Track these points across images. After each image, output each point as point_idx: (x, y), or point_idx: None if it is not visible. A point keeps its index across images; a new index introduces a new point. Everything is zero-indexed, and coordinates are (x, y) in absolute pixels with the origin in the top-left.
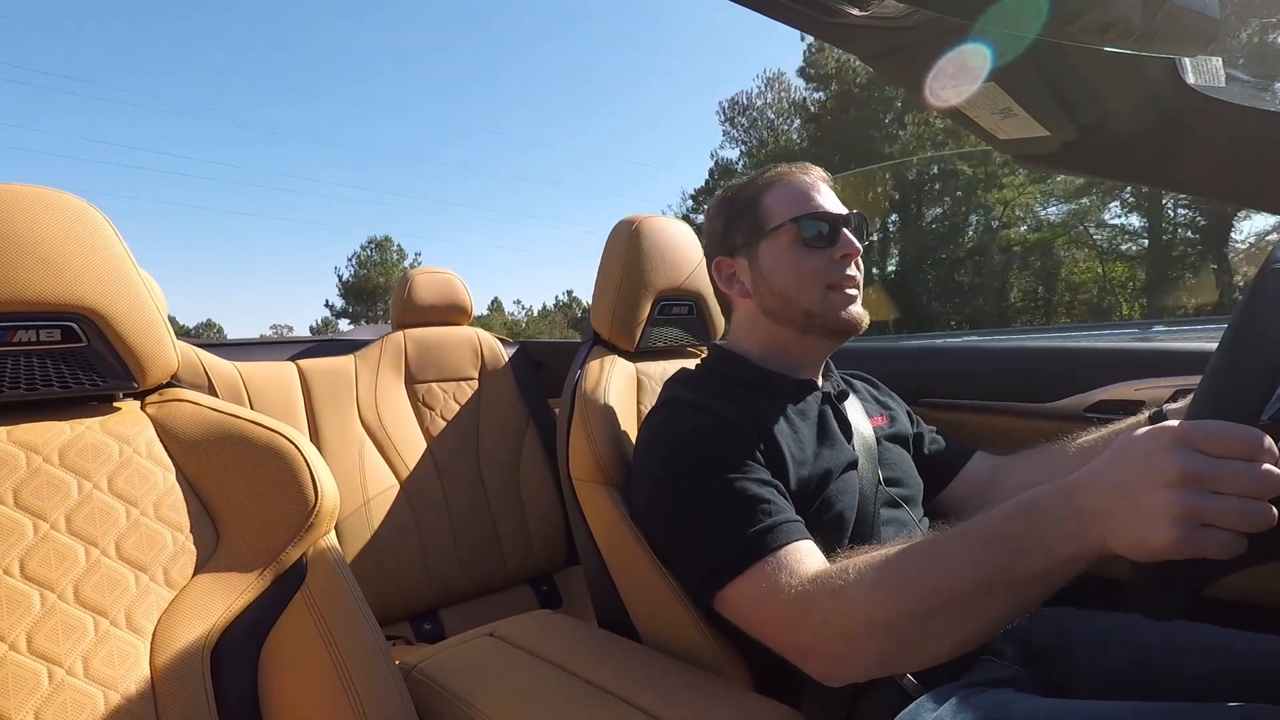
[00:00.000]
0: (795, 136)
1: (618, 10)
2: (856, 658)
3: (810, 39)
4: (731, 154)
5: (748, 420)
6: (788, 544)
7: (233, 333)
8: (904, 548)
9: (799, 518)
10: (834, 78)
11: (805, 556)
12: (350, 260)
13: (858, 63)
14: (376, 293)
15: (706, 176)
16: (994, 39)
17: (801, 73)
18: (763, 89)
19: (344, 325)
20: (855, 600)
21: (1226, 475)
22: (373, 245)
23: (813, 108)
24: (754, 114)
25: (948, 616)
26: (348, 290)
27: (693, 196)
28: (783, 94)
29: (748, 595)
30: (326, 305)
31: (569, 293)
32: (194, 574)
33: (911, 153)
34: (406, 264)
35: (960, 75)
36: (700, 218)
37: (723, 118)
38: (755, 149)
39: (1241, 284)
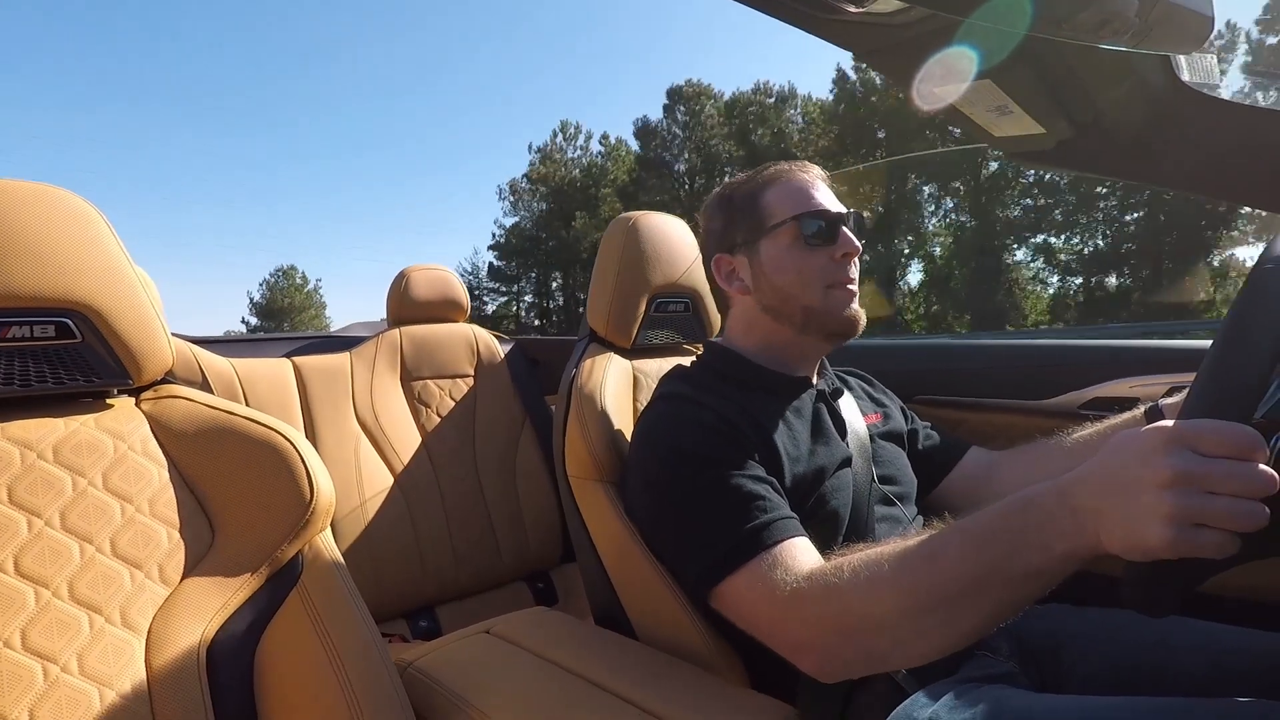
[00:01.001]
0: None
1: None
2: (850, 654)
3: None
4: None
5: (743, 417)
6: (783, 540)
7: None
8: (899, 545)
9: (794, 514)
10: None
11: (800, 553)
12: (261, 285)
13: (577, 172)
14: (284, 311)
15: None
16: (989, 36)
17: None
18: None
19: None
20: (850, 597)
21: (1220, 475)
22: (280, 273)
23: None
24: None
25: (942, 613)
26: (260, 310)
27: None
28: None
29: (742, 592)
30: (243, 321)
31: None
32: (189, 571)
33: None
34: (309, 289)
35: (956, 72)
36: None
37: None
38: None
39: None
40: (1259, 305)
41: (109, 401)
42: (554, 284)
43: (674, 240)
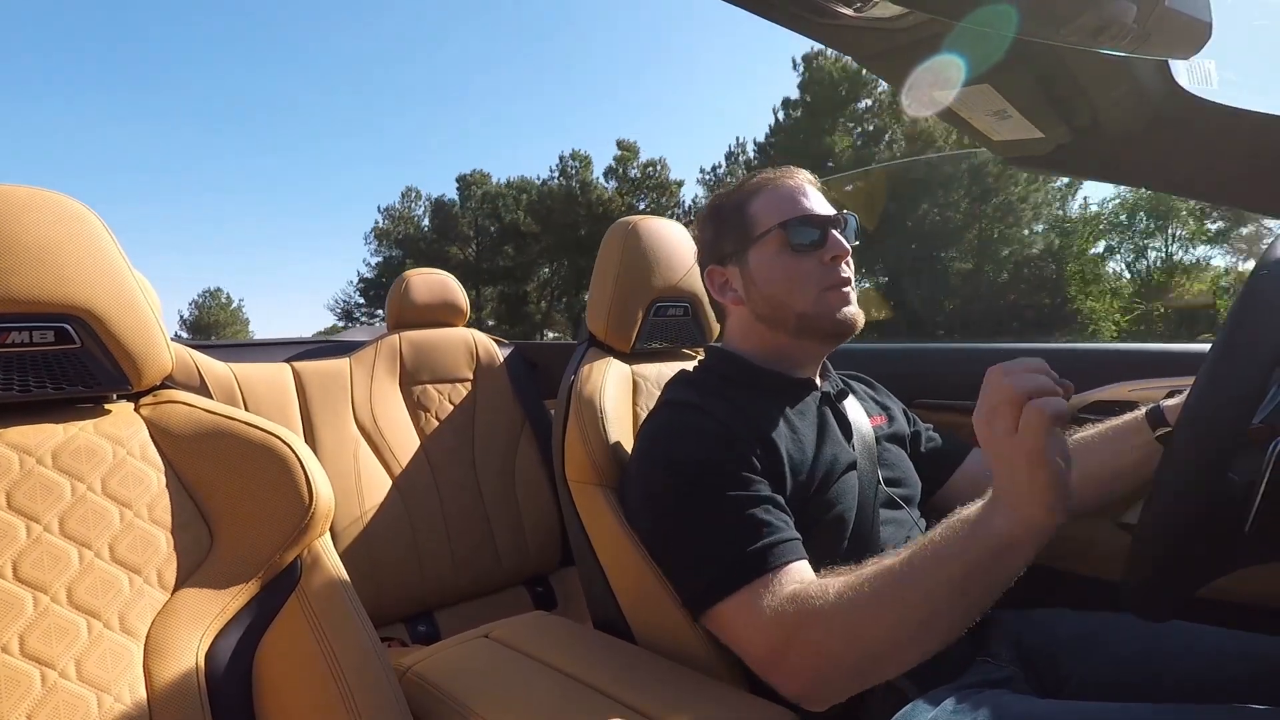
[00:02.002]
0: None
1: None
2: (840, 679)
3: None
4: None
5: (747, 424)
6: (777, 567)
7: None
8: (877, 565)
9: (793, 535)
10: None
11: (790, 579)
12: (190, 304)
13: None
14: (212, 326)
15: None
16: (988, 41)
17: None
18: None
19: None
20: (834, 621)
21: (1011, 377)
22: (208, 294)
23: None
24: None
25: (925, 620)
26: (190, 326)
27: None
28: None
29: (731, 617)
30: (176, 336)
31: None
32: (188, 576)
33: None
34: (234, 307)
35: (954, 77)
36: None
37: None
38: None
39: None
40: (1256, 310)
41: (108, 406)
42: None
43: (673, 244)
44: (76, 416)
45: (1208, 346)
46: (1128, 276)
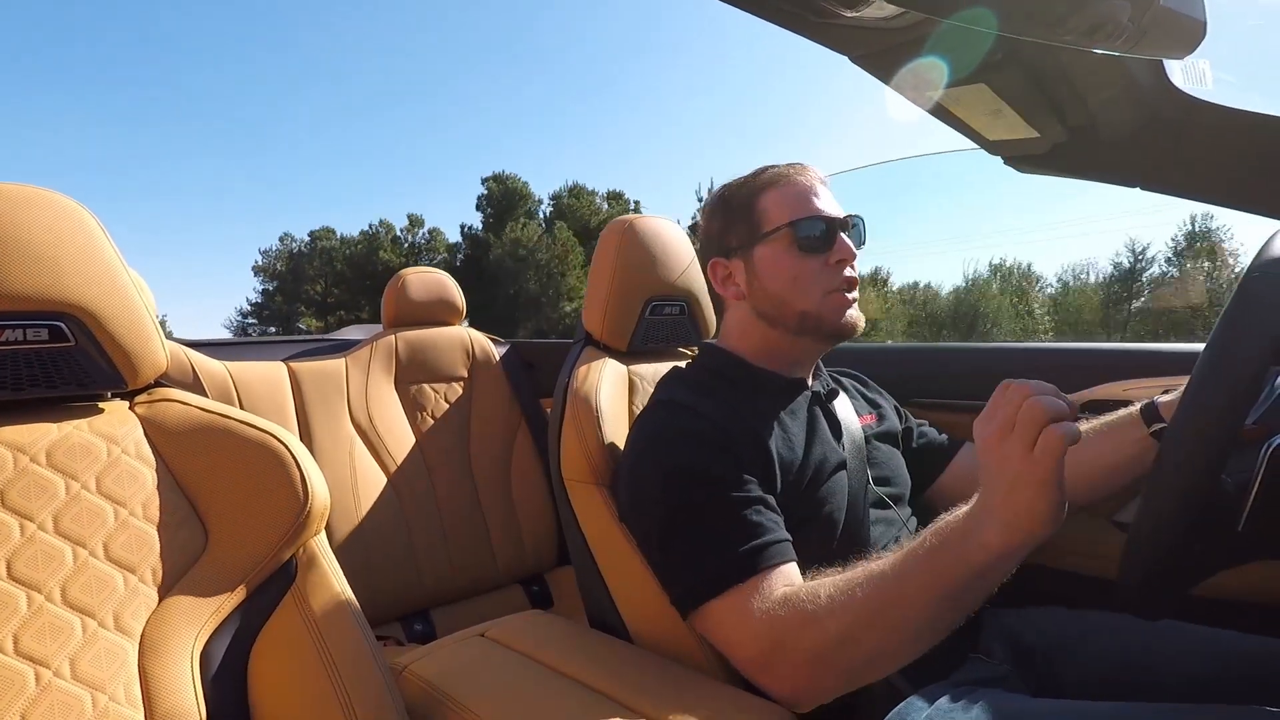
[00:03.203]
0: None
1: None
2: (830, 681)
3: None
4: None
5: (738, 423)
6: (766, 569)
7: None
8: (868, 568)
9: (783, 536)
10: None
11: (780, 581)
12: None
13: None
14: None
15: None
16: (983, 41)
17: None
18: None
19: None
20: (827, 623)
21: (1020, 400)
22: None
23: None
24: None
25: (913, 624)
26: None
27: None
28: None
29: (720, 619)
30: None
31: None
32: (183, 575)
33: None
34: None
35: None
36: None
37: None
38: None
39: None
40: (1249, 311)
41: (102, 405)
42: None
43: (669, 243)
44: (71, 415)
45: (1203, 347)
46: None
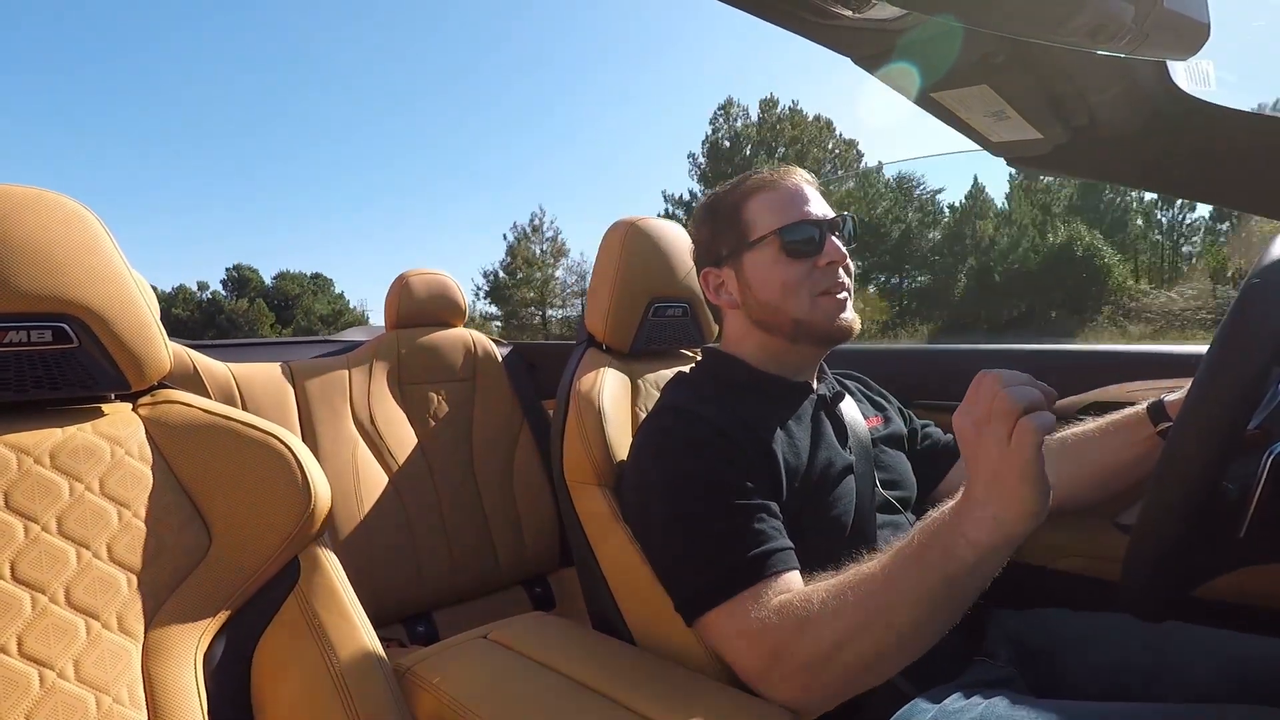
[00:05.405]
0: None
1: None
2: (828, 688)
3: None
4: None
5: (744, 429)
6: (766, 577)
7: None
8: (858, 572)
9: (785, 544)
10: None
11: (779, 589)
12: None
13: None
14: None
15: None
16: (985, 42)
17: None
18: None
19: None
20: (821, 629)
21: (997, 389)
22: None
23: None
24: None
25: (908, 626)
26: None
27: None
28: None
29: (720, 626)
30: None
31: None
32: (186, 576)
33: None
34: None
35: (952, 78)
36: None
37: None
38: None
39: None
40: (1251, 316)
41: (106, 407)
42: None
43: (672, 245)
44: (74, 416)
45: (1206, 349)
46: None
